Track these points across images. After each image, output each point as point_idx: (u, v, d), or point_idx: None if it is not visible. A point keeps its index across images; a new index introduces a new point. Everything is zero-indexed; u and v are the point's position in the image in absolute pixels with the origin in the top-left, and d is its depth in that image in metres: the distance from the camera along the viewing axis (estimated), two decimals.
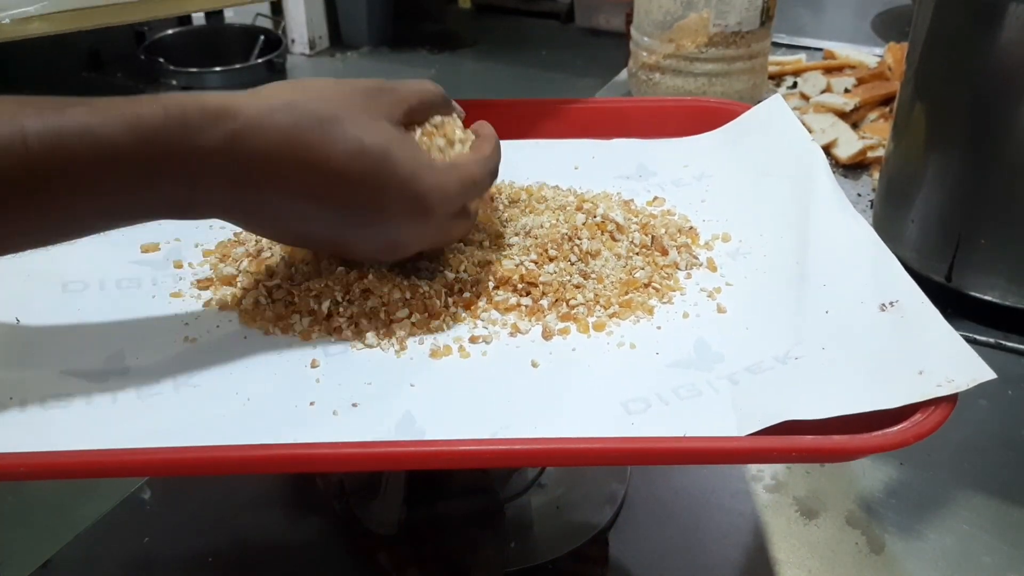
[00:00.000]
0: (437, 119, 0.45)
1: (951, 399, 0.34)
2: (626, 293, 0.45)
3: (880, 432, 0.33)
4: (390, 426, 0.37)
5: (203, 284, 0.47)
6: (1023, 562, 0.48)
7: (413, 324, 0.43)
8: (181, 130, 0.36)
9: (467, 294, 0.44)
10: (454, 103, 0.47)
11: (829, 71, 1.01)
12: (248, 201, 0.39)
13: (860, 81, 0.97)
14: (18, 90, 0.36)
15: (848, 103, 0.91)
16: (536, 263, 0.46)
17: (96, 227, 0.39)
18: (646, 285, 0.46)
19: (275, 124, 0.37)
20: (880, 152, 0.84)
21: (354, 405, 0.38)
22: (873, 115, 0.92)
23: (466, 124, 0.47)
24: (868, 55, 1.04)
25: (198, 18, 2.82)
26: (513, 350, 0.42)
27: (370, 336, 0.42)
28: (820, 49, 1.09)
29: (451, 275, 0.45)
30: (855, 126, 0.90)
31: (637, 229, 0.49)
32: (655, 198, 0.54)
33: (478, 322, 0.43)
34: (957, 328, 0.37)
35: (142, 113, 0.36)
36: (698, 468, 0.54)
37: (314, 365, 0.41)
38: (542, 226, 0.49)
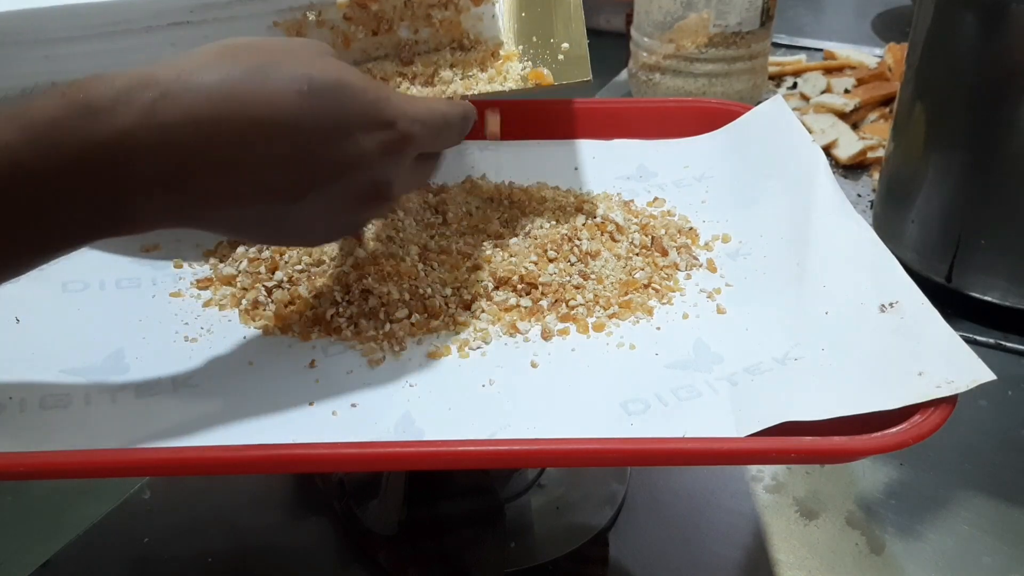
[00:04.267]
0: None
1: (951, 400, 0.34)
2: (626, 294, 0.45)
3: (880, 433, 0.33)
4: (389, 426, 0.37)
5: (203, 284, 0.47)
6: (1023, 563, 0.48)
7: (412, 324, 0.43)
8: (86, 115, 0.29)
9: (467, 294, 0.44)
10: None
11: (829, 71, 1.01)
12: (187, 188, 0.32)
13: (860, 81, 0.97)
14: None
15: (848, 103, 0.91)
16: (536, 264, 0.46)
17: (11, 265, 0.32)
18: (646, 286, 0.46)
19: (202, 83, 0.31)
20: (880, 153, 0.84)
21: (353, 405, 0.38)
22: (873, 115, 0.92)
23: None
24: (868, 55, 1.04)
25: None
26: (512, 350, 0.42)
27: (369, 336, 0.42)
28: (820, 49, 1.08)
29: (450, 276, 0.45)
30: (855, 126, 0.90)
31: (637, 230, 0.49)
32: (655, 199, 0.54)
33: (477, 322, 0.43)
34: (957, 329, 0.37)
35: (37, 107, 0.29)
36: (698, 469, 0.54)
37: (313, 365, 0.41)
38: (542, 227, 0.49)
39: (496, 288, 0.45)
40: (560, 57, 0.48)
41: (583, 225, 0.49)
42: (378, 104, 0.35)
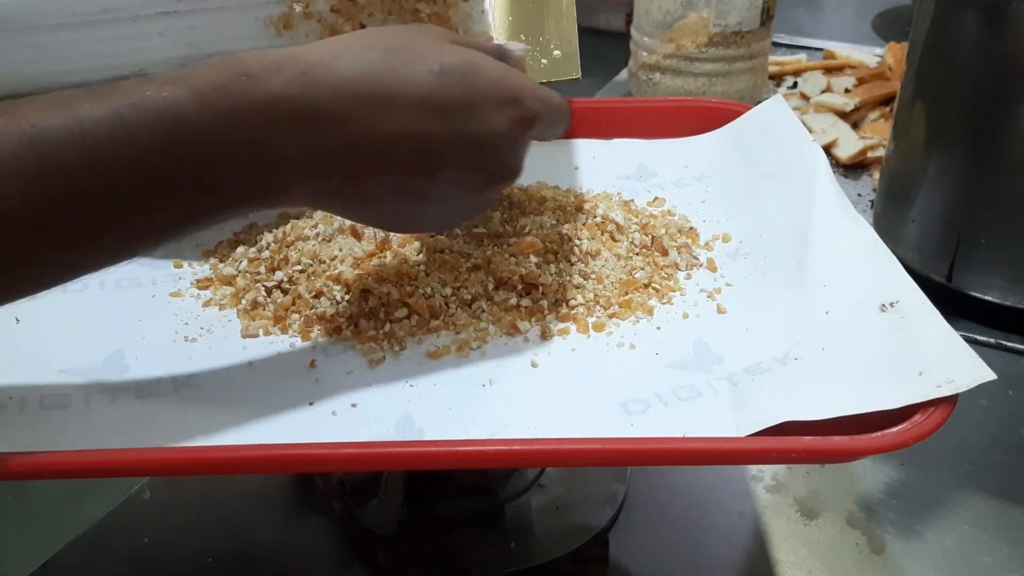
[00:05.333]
0: None
1: (951, 400, 0.34)
2: (626, 293, 0.45)
3: (880, 433, 0.33)
4: (389, 426, 0.37)
5: (203, 284, 0.47)
6: (1023, 563, 0.48)
7: (412, 324, 0.43)
8: (243, 79, 0.33)
9: (467, 294, 0.44)
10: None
11: (829, 71, 1.01)
12: (329, 156, 0.35)
13: (860, 81, 0.97)
14: None
15: (848, 103, 0.91)
16: (536, 264, 0.46)
17: (168, 227, 0.35)
18: (646, 285, 0.46)
19: (342, 62, 0.34)
20: (880, 152, 0.84)
21: (353, 405, 0.38)
22: (873, 115, 0.92)
23: None
24: (868, 55, 1.04)
25: None
26: (512, 350, 0.42)
27: (369, 336, 0.42)
28: (820, 49, 1.09)
29: (450, 275, 0.45)
30: (855, 126, 0.90)
31: (637, 229, 0.49)
32: (655, 198, 0.54)
33: (477, 322, 0.43)
34: (957, 328, 0.37)
35: (199, 72, 0.33)
36: (698, 469, 0.54)
37: (313, 365, 0.41)
38: (542, 226, 0.49)
39: (496, 288, 0.45)
40: (549, 56, 0.47)
41: (583, 225, 0.49)
42: (505, 82, 0.37)
